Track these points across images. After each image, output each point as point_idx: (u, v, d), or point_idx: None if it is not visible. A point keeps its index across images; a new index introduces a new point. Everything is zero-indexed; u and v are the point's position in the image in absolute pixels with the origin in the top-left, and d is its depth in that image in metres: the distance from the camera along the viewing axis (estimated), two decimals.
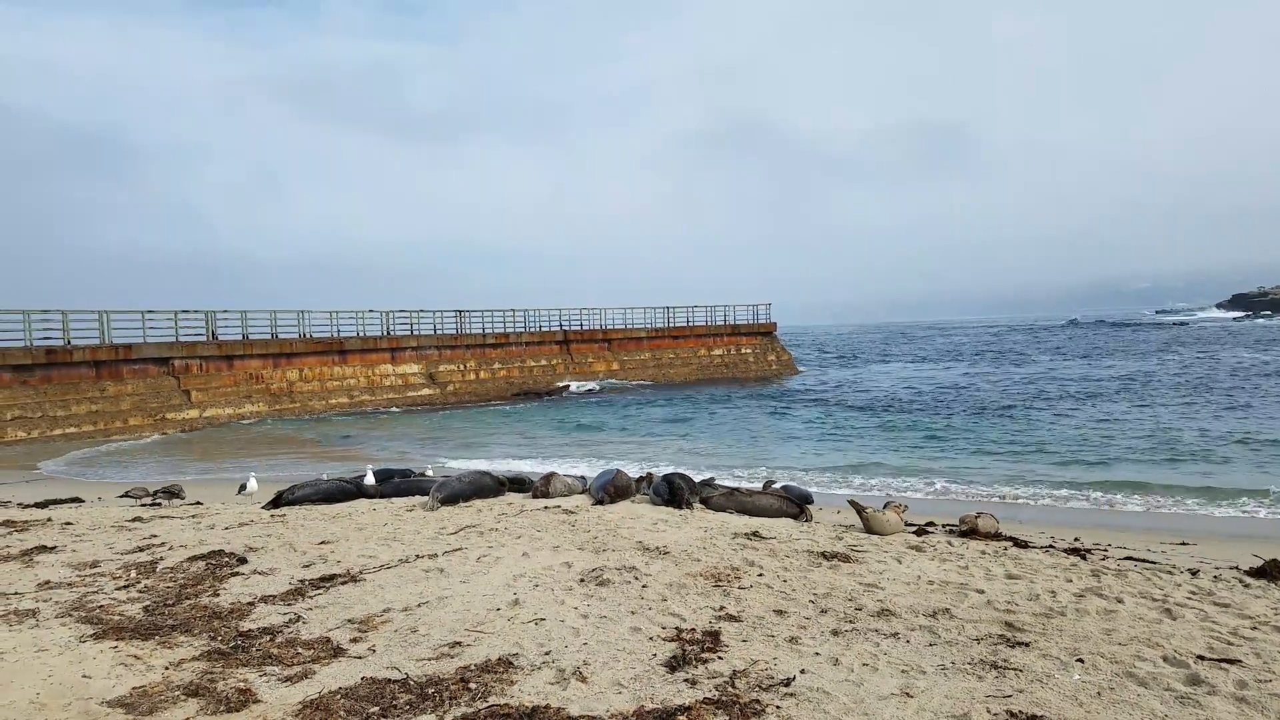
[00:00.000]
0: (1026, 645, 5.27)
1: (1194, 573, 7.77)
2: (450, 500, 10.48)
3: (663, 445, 22.33)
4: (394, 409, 35.25)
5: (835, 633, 5.54)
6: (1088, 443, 20.16)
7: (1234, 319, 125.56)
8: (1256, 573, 7.74)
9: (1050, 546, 9.09)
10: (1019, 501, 14.01)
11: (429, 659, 5.09)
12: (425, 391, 38.37)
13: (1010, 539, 9.16)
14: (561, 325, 45.93)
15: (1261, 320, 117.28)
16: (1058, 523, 12.05)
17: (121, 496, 13.25)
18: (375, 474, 12.44)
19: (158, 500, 12.49)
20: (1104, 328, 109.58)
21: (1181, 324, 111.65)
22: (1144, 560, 8.44)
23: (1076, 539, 9.99)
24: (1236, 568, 8.26)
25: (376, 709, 4.36)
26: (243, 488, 13.17)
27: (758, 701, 4.37)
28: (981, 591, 6.55)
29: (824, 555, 7.64)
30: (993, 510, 10.56)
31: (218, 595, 6.69)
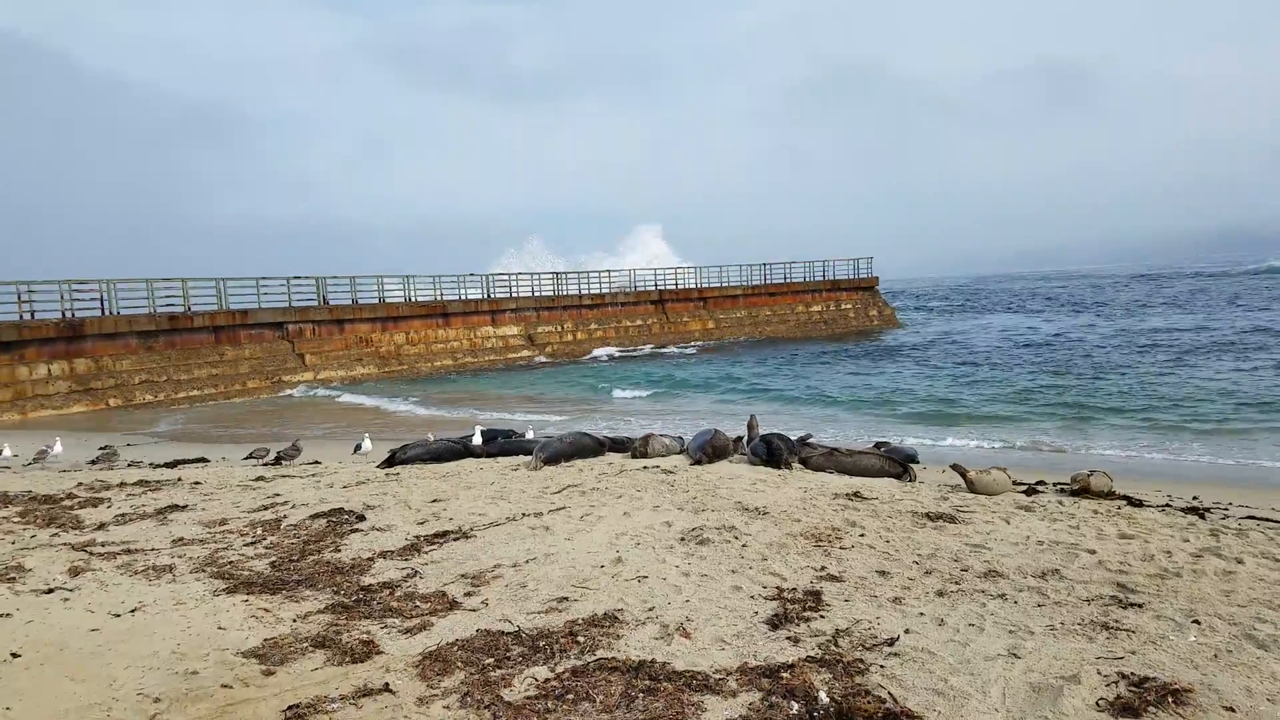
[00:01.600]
0: (1139, 606, 5.15)
1: None
2: (552, 460, 10.72)
3: (757, 404, 22.27)
4: (497, 368, 36.08)
5: (940, 593, 5.50)
6: (1207, 398, 19.25)
7: None
8: None
9: (1167, 505, 8.78)
10: (1131, 457, 13.54)
11: (538, 613, 5.28)
12: (524, 353, 39.09)
13: (1124, 498, 8.87)
14: (656, 285, 46.02)
15: None
16: (1175, 478, 11.62)
17: (246, 458, 14.00)
18: (482, 434, 12.82)
19: (279, 460, 13.14)
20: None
21: None
22: (1267, 519, 8.08)
23: (1196, 497, 9.62)
24: None
25: (491, 660, 4.57)
26: (358, 447, 13.76)
27: (861, 660, 4.41)
28: (1093, 552, 6.39)
29: (928, 516, 7.55)
30: (1106, 467, 10.21)
31: (339, 551, 7.04)
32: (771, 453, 10.08)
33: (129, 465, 13.76)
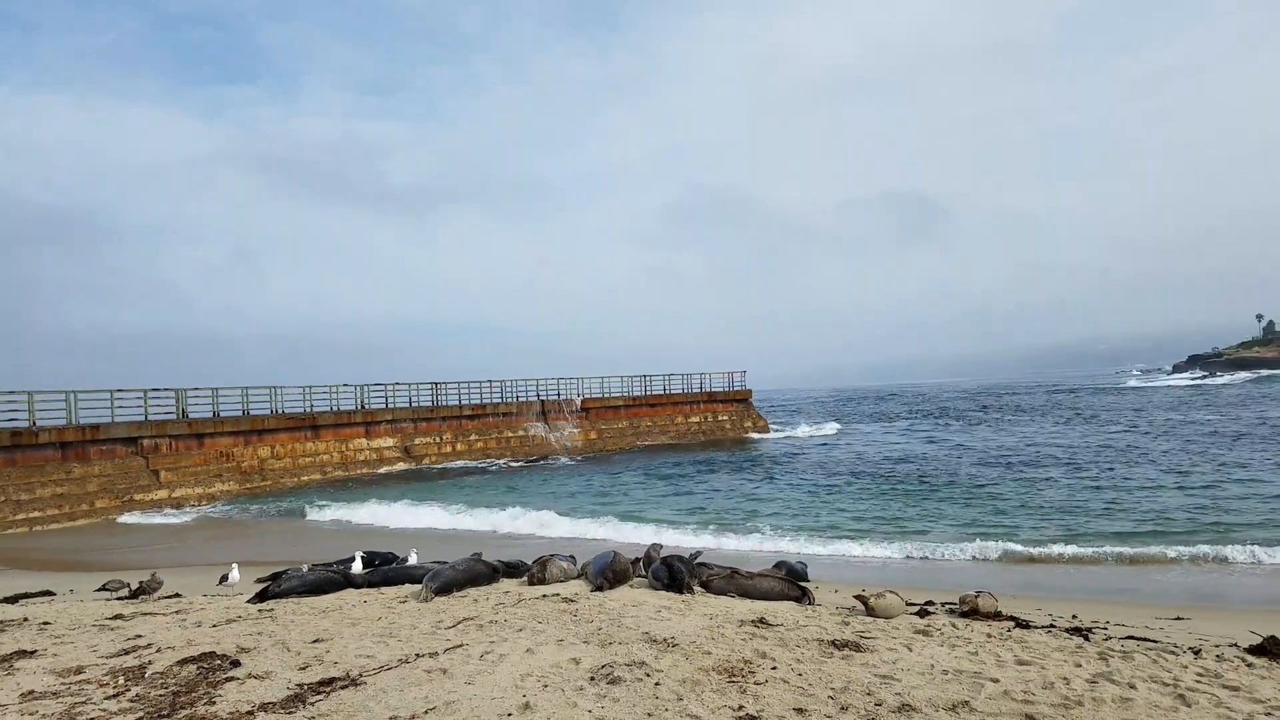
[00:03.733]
0: None
1: (1196, 652, 7.80)
2: (444, 590, 10.26)
3: (648, 517, 22.19)
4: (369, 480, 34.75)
5: None
6: (1060, 507, 20.51)
7: (1192, 380, 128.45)
8: (1257, 650, 7.84)
9: (1051, 626, 9.09)
10: (1001, 565, 14.19)
11: None
12: (400, 465, 37.91)
13: (1011, 618, 9.15)
14: (539, 395, 45.80)
15: (1220, 380, 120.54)
16: (1044, 591, 12.18)
17: (99, 590, 12.86)
18: (362, 559, 12.20)
19: (138, 593, 12.11)
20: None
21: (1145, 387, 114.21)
22: (1145, 639, 8.48)
23: (1075, 616, 10.03)
24: (1235, 645, 8.34)
25: None
26: (224, 578, 12.86)
27: None
28: (996, 680, 6.50)
29: (834, 644, 7.56)
30: (975, 572, 10.57)
31: (214, 704, 6.44)
32: (673, 576, 9.96)
33: None
